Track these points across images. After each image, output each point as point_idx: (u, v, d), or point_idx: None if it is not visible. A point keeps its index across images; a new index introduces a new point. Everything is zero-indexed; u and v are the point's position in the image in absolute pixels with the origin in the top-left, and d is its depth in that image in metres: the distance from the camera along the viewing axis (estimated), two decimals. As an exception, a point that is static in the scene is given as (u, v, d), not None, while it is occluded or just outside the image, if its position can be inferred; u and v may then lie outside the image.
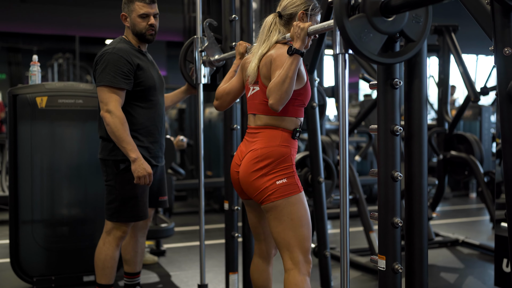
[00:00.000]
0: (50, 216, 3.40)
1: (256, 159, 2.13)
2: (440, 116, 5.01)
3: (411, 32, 1.64)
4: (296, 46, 2.01)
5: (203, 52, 2.90)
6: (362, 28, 1.56)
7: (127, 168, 2.66)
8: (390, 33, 1.60)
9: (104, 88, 2.60)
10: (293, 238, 2.12)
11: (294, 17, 2.20)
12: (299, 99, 2.15)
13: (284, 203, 2.09)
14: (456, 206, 6.96)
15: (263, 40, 2.23)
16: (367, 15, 1.56)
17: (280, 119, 2.15)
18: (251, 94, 2.24)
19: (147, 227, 3.01)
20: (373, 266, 3.70)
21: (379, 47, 1.60)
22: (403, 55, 1.65)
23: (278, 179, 2.09)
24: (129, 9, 2.73)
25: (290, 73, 1.99)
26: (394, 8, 1.55)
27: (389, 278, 1.72)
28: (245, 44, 2.47)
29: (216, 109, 2.46)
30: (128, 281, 3.01)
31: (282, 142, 2.14)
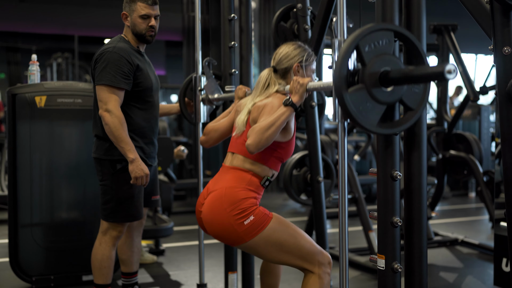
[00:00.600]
0: (49, 215, 3.39)
1: (220, 199, 2.08)
2: (439, 115, 5.02)
3: (410, 101, 1.63)
4: (293, 100, 2.03)
5: (202, 91, 2.91)
6: (361, 100, 1.54)
7: (123, 168, 2.65)
8: (389, 103, 1.59)
9: (103, 87, 2.59)
10: (290, 257, 2.09)
11: (289, 70, 2.22)
12: (279, 151, 2.15)
13: (261, 239, 2.05)
14: (455, 205, 6.97)
15: (259, 92, 2.22)
16: (367, 86, 1.54)
17: (254, 164, 2.13)
18: (236, 133, 2.23)
19: (142, 226, 3.01)
20: (372, 265, 3.70)
21: (378, 117, 1.59)
22: (403, 124, 1.63)
23: (245, 220, 2.03)
24: (130, 8, 2.73)
25: (278, 122, 2.00)
26: (393, 81, 1.54)
27: (389, 277, 1.72)
28: (244, 89, 2.49)
29: (202, 145, 2.48)
30: (125, 281, 3.01)
31: (248, 185, 2.10)
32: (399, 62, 1.58)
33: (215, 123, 2.43)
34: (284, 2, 3.44)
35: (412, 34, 1.62)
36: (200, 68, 2.94)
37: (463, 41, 5.00)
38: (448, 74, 1.33)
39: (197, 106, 2.92)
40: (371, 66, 1.54)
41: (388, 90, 1.57)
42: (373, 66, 1.54)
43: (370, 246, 3.91)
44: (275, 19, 3.18)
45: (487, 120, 7.15)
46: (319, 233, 3.11)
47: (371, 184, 6.64)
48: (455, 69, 1.33)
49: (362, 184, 6.02)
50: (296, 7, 3.10)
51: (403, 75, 1.50)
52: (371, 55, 1.55)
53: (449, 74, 1.32)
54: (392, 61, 1.57)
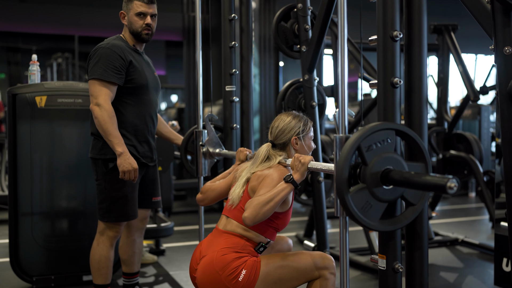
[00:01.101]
0: (49, 215, 3.39)
1: (211, 264, 2.08)
2: (440, 115, 5.02)
3: (411, 196, 1.64)
4: (294, 178, 2.04)
5: (203, 146, 2.93)
6: (363, 199, 1.56)
7: (116, 167, 2.65)
8: (391, 200, 1.60)
9: (95, 81, 2.60)
10: (296, 281, 2.10)
11: (288, 143, 2.23)
12: (275, 222, 2.15)
13: (260, 284, 2.06)
14: (455, 205, 6.97)
15: (258, 163, 2.22)
16: (368, 186, 1.55)
17: (249, 232, 2.13)
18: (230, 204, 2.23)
19: (144, 227, 3.00)
20: (373, 265, 3.70)
21: (380, 214, 1.60)
22: (404, 220, 1.64)
23: (239, 276, 2.04)
24: (127, 7, 2.74)
25: (277, 198, 2.00)
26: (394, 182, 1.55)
27: (390, 277, 1.72)
28: (246, 152, 2.49)
29: (198, 202, 2.47)
30: (126, 281, 3.01)
31: (242, 250, 2.10)
32: (401, 160, 1.59)
33: (213, 183, 2.43)
34: (285, 2, 3.44)
35: (413, 132, 1.63)
36: (201, 122, 2.96)
37: (463, 41, 5.00)
38: (449, 189, 1.33)
39: (198, 161, 2.94)
40: (373, 166, 1.55)
41: (389, 188, 1.58)
42: (375, 165, 1.55)
43: (370, 246, 3.91)
44: (275, 19, 3.18)
45: (487, 120, 7.15)
46: (320, 233, 3.11)
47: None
48: (456, 185, 1.33)
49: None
50: (296, 7, 3.10)
51: (404, 179, 1.51)
52: (373, 155, 1.56)
53: (450, 190, 1.33)
54: (393, 160, 1.58)
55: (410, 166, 1.62)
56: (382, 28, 1.71)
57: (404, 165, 1.59)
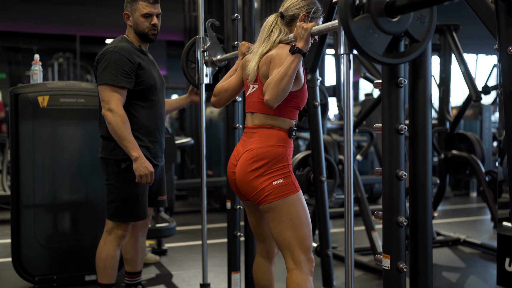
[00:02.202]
0: (51, 215, 3.39)
1: (252, 159, 2.11)
2: (441, 115, 5.01)
3: (416, 32, 1.63)
4: (299, 46, 2.01)
5: (205, 52, 2.89)
6: (367, 29, 1.55)
7: (128, 167, 2.66)
8: (395, 33, 1.60)
9: (105, 86, 2.60)
10: (293, 238, 2.11)
11: (296, 18, 2.20)
12: (294, 101, 2.15)
13: (282, 204, 2.08)
14: (457, 205, 6.96)
15: (263, 39, 2.23)
16: (372, 16, 1.55)
17: (276, 119, 2.15)
18: (250, 92, 2.24)
19: (147, 226, 3.01)
20: (376, 265, 3.70)
21: (384, 47, 1.59)
22: (408, 55, 1.64)
23: (274, 180, 2.08)
24: (132, 8, 2.73)
25: (289, 72, 1.99)
26: (399, 9, 1.54)
27: (394, 277, 1.72)
28: (248, 44, 2.47)
29: (213, 105, 2.46)
30: (129, 281, 3.00)
31: (278, 142, 2.13)
32: None
33: (224, 83, 2.41)
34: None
35: None
36: (203, 29, 2.92)
37: (464, 41, 4.99)
38: None
39: (200, 67, 2.90)
40: None
41: (394, 20, 1.57)
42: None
43: (372, 246, 3.91)
44: (278, 18, 3.17)
45: (488, 120, 7.15)
46: (322, 233, 3.11)
47: (373, 184, 6.64)
48: None
49: (364, 184, 6.02)
50: (299, 7, 3.09)
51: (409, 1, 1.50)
52: None
53: None
54: None
55: None
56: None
57: None
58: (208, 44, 2.89)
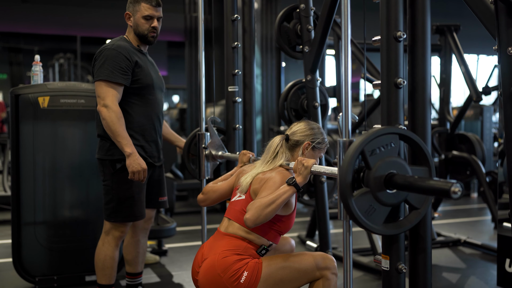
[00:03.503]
0: (52, 216, 3.39)
1: (213, 267, 2.07)
2: (442, 116, 5.01)
3: (414, 200, 1.63)
4: (297, 181, 2.04)
5: (206, 148, 2.93)
6: (366, 203, 1.55)
7: (123, 167, 2.66)
8: (394, 204, 1.60)
9: (101, 82, 2.60)
10: (297, 281, 2.11)
11: (300, 144, 2.23)
12: (278, 224, 2.15)
13: (262, 285, 2.06)
14: (457, 206, 6.96)
15: (267, 160, 2.24)
16: (372, 190, 1.55)
17: (251, 234, 2.13)
18: (235, 199, 2.24)
19: (148, 227, 3.01)
20: (375, 266, 3.70)
21: (383, 218, 1.60)
22: (408, 224, 1.64)
23: (240, 278, 2.03)
24: (134, 9, 2.74)
25: (278, 201, 2.00)
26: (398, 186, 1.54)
27: (393, 278, 1.72)
28: (249, 154, 2.50)
29: (199, 203, 2.47)
30: (130, 281, 3.01)
31: (243, 252, 2.10)
32: (404, 164, 1.59)
33: (215, 185, 2.43)
34: (287, 3, 3.44)
35: (417, 137, 1.63)
36: (204, 124, 2.95)
37: (465, 41, 4.99)
38: (454, 194, 1.33)
39: (201, 163, 2.94)
40: (376, 170, 1.55)
41: (393, 192, 1.57)
42: (378, 170, 1.55)
43: (372, 246, 3.91)
44: (278, 19, 3.18)
45: (489, 120, 7.13)
46: (322, 234, 3.11)
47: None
48: (460, 190, 1.32)
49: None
50: (299, 8, 3.10)
51: (408, 183, 1.50)
52: (376, 159, 1.55)
53: (454, 194, 1.33)
54: (397, 164, 1.57)
55: (414, 170, 1.61)
56: (386, 29, 1.71)
57: (407, 169, 1.59)
58: (209, 140, 2.92)
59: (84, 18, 11.39)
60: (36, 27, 12.54)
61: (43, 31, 13.02)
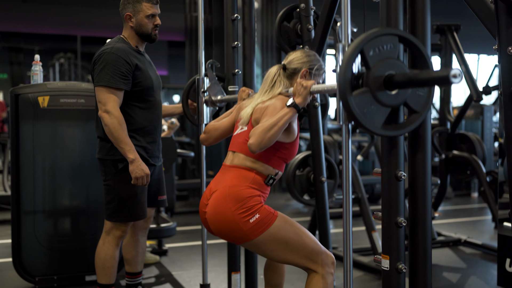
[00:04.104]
0: (52, 215, 3.39)
1: (223, 199, 2.06)
2: (442, 115, 5.01)
3: (414, 103, 1.62)
4: (296, 102, 2.03)
5: (205, 93, 2.92)
6: (366, 103, 1.54)
7: (125, 167, 2.66)
8: (394, 106, 1.59)
9: (102, 88, 2.59)
10: (295, 256, 2.09)
11: (297, 72, 2.21)
12: (283, 152, 2.14)
13: (268, 236, 2.04)
14: (458, 205, 6.96)
15: (265, 90, 2.24)
16: (371, 90, 1.54)
17: (257, 163, 2.12)
18: (237, 132, 2.24)
19: (148, 226, 3.01)
20: (376, 265, 3.69)
21: (382, 120, 1.59)
22: (407, 126, 1.63)
23: (250, 218, 2.02)
24: (135, 9, 2.72)
25: (280, 123, 1.99)
26: (398, 85, 1.54)
27: (393, 277, 1.72)
28: (248, 90, 2.49)
29: (201, 143, 2.47)
30: (129, 281, 3.01)
31: (252, 184, 2.09)
32: (403, 66, 1.58)
33: (216, 122, 2.43)
34: (287, 2, 3.44)
35: (416, 39, 1.62)
36: (203, 69, 2.94)
37: (465, 41, 4.99)
38: (453, 78, 1.32)
39: (200, 108, 2.92)
40: (376, 70, 1.54)
41: (392, 93, 1.57)
42: (378, 70, 1.54)
43: (373, 246, 3.91)
44: (278, 19, 3.18)
45: (489, 120, 7.14)
46: (322, 233, 3.10)
47: (373, 184, 6.63)
48: (460, 73, 1.32)
49: (365, 184, 6.02)
50: (299, 7, 3.10)
51: (407, 79, 1.50)
52: (376, 59, 1.55)
53: (454, 78, 1.32)
54: (396, 65, 1.57)
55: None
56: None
57: (406, 71, 1.58)
58: (208, 85, 2.91)
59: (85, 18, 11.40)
60: (36, 27, 12.55)
61: (44, 30, 13.02)
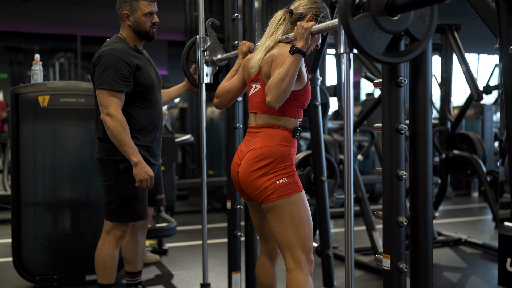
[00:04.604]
0: (52, 215, 3.39)
1: (255, 158, 2.11)
2: (443, 115, 5.00)
3: (416, 31, 1.62)
4: (298, 46, 2.00)
5: (205, 52, 2.89)
6: (367, 28, 1.54)
7: (127, 168, 2.65)
8: (395, 32, 1.59)
9: (103, 91, 2.58)
10: (295, 238, 2.10)
11: (303, 18, 2.18)
12: (298, 99, 2.14)
13: (284, 203, 2.07)
14: (458, 205, 6.95)
15: (270, 33, 2.22)
16: (372, 14, 1.54)
17: (279, 118, 2.13)
18: (252, 92, 2.23)
19: (146, 226, 3.00)
20: (376, 265, 3.69)
21: (384, 46, 1.58)
22: (409, 54, 1.63)
23: (278, 179, 2.07)
24: (132, 7, 2.71)
25: (290, 72, 1.98)
26: (399, 7, 1.53)
27: (394, 277, 1.71)
28: (248, 43, 2.46)
29: (216, 107, 2.44)
30: (129, 281, 3.00)
31: (282, 141, 2.12)
32: None
33: (226, 84, 2.39)
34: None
35: None
36: (203, 28, 2.91)
37: (465, 40, 4.98)
38: None
39: (200, 67, 2.89)
40: None
41: (394, 19, 1.56)
42: None
43: (373, 246, 3.90)
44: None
45: (490, 119, 7.14)
46: (323, 233, 3.10)
47: (374, 183, 6.63)
48: None
49: (365, 184, 6.02)
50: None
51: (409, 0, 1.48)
52: None
53: None
54: None
55: None
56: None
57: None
58: (208, 43, 2.88)
59: (85, 18, 11.40)
60: (36, 27, 12.56)
61: (44, 30, 13.03)
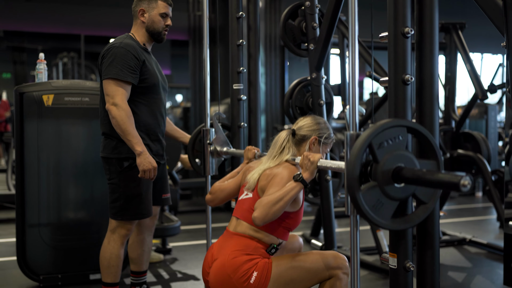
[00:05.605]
0: (56, 214, 3.39)
1: (223, 267, 2.07)
2: (447, 114, 4.99)
3: (422, 195, 1.61)
4: (304, 177, 2.01)
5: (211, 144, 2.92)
6: (374, 197, 1.54)
7: (131, 165, 2.65)
8: (402, 199, 1.58)
9: (110, 81, 2.59)
10: (308, 282, 2.09)
11: (306, 139, 2.21)
12: (287, 221, 2.13)
13: (272, 285, 2.04)
14: (462, 205, 6.93)
15: (273, 155, 2.23)
16: (379, 184, 1.53)
17: (260, 233, 2.11)
18: (242, 198, 2.23)
19: (153, 225, 3.00)
20: (380, 264, 3.68)
21: (391, 213, 1.58)
22: (416, 219, 1.62)
23: (250, 279, 2.02)
24: (150, 5, 2.73)
25: (286, 198, 1.98)
26: (406, 180, 1.52)
27: (401, 276, 1.71)
28: (254, 150, 2.49)
29: (207, 203, 2.47)
30: (134, 280, 3.00)
31: (253, 252, 2.09)
32: (412, 158, 1.57)
33: (222, 183, 2.42)
34: (291, 1, 3.43)
35: (425, 129, 1.61)
36: (209, 120, 2.94)
37: (469, 40, 4.96)
38: (463, 187, 1.30)
39: (206, 159, 2.92)
40: (384, 164, 1.53)
41: (401, 186, 1.55)
42: (386, 163, 1.53)
43: (377, 245, 3.89)
44: (283, 17, 3.17)
45: (494, 119, 7.10)
46: (327, 232, 3.09)
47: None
48: (470, 183, 1.30)
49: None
50: (304, 5, 3.09)
51: (416, 176, 1.48)
52: (384, 153, 1.54)
53: (464, 188, 1.30)
54: (405, 157, 1.56)
55: (422, 164, 1.59)
56: (393, 25, 1.70)
57: (415, 162, 1.57)
58: (214, 136, 2.91)
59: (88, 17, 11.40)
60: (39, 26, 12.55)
61: (47, 30, 13.02)
